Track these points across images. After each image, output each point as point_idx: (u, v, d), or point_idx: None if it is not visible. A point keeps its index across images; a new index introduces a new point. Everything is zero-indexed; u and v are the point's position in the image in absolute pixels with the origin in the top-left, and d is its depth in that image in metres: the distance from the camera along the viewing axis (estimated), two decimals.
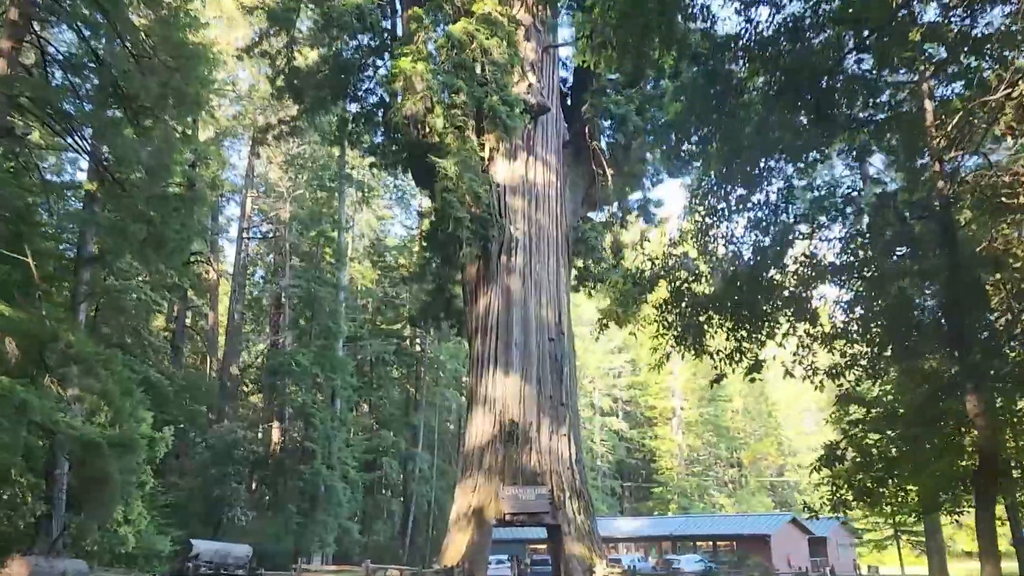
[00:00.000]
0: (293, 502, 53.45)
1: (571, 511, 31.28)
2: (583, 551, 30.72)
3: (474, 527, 30.58)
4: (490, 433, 31.96)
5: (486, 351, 32.92)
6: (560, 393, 32.98)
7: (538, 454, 31.64)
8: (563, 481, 31.63)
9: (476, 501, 31.13)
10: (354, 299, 65.65)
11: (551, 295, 33.79)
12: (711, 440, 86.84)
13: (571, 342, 34.60)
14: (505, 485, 31.04)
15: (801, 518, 58.64)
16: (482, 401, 32.60)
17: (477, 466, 31.92)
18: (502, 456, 31.50)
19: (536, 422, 32.06)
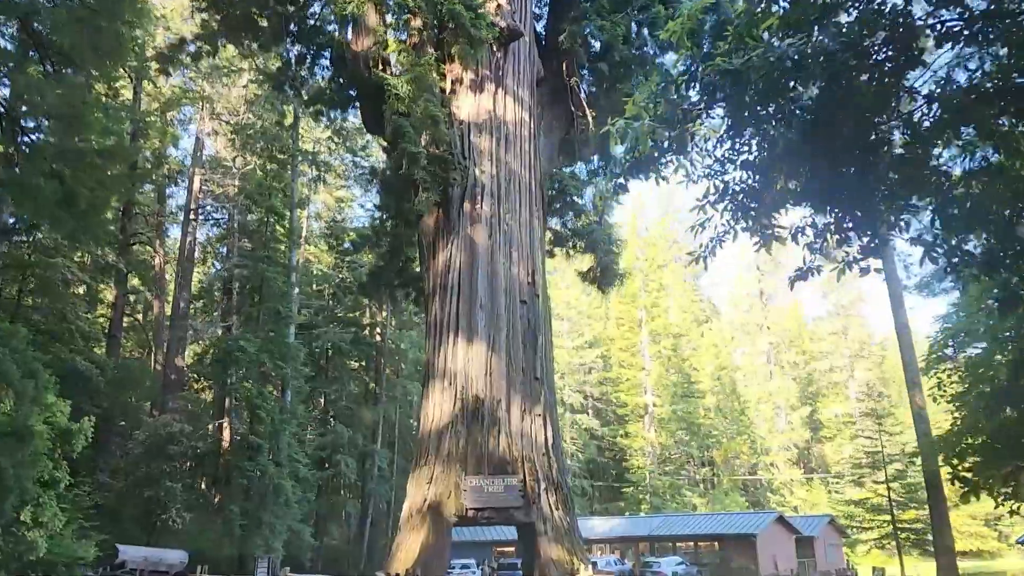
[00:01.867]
0: (236, 503, 46.39)
1: (547, 506, 24.91)
2: (562, 554, 24.39)
3: (429, 526, 24.09)
4: (450, 413, 25.53)
5: (446, 315, 26.48)
6: (534, 366, 26.67)
7: (508, 438, 25.28)
8: (538, 470, 25.26)
9: (432, 494, 24.67)
10: (309, 284, 58.83)
11: (523, 250, 27.43)
12: (683, 438, 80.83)
13: (546, 307, 28.33)
14: (468, 475, 24.64)
15: (788, 517, 52.73)
16: (440, 375, 26.19)
17: (434, 453, 25.47)
18: (464, 440, 25.08)
19: (505, 400, 25.69)
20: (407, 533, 24.64)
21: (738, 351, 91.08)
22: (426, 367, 27.63)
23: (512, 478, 24.56)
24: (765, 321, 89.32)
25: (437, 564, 23.28)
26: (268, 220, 49.88)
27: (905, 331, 38.03)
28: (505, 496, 24.30)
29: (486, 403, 25.12)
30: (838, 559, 53.26)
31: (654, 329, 78.70)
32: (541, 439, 25.54)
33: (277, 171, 50.21)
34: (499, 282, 26.34)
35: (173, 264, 60.58)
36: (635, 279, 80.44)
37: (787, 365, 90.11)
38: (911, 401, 40.52)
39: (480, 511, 24.15)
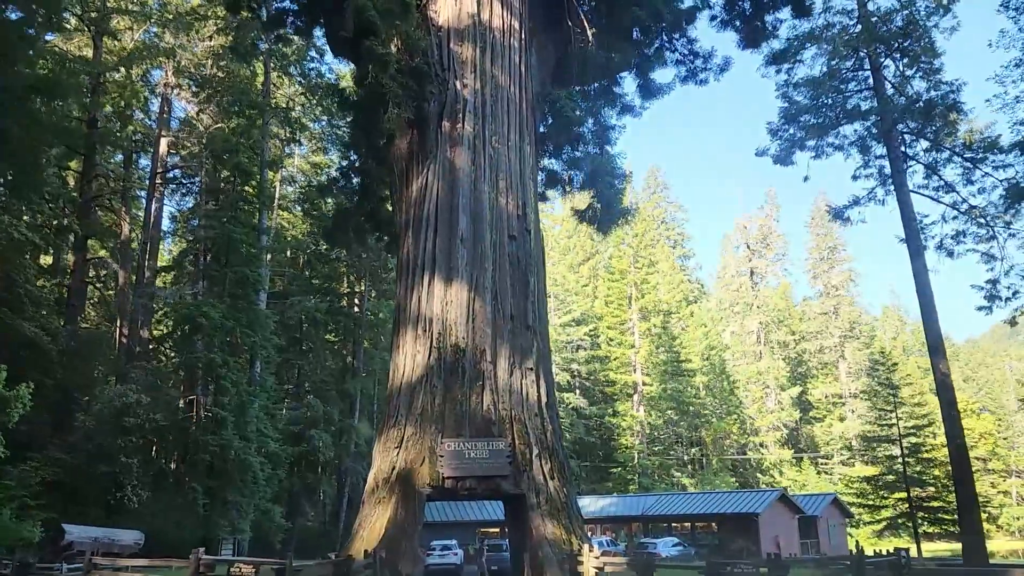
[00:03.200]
0: (198, 480, 41.50)
1: (540, 474, 20.17)
2: (558, 531, 19.68)
3: (398, 499, 19.30)
4: (424, 365, 20.72)
5: (420, 252, 21.61)
6: (524, 311, 21.90)
7: (493, 394, 20.53)
8: (529, 432, 20.51)
9: (402, 461, 19.89)
10: (283, 251, 53.80)
11: (512, 179, 22.56)
12: (672, 417, 76.55)
13: (540, 245, 23.56)
14: (445, 438, 19.91)
15: (791, 495, 48.33)
16: (413, 321, 21.36)
17: (404, 412, 20.67)
18: (441, 397, 20.29)
19: (491, 350, 20.91)
20: (371, 508, 19.87)
21: (727, 331, 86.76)
22: (396, 313, 22.73)
23: (498, 441, 19.84)
24: (755, 300, 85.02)
25: (407, 544, 18.55)
26: (235, 179, 44.73)
27: (927, 292, 33.52)
28: (490, 463, 19.58)
29: (468, 354, 20.38)
30: (842, 541, 48.90)
31: (644, 306, 74.17)
32: (533, 396, 20.84)
33: (245, 126, 45.02)
34: (484, 214, 21.52)
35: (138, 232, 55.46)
36: (625, 255, 75.95)
37: (776, 345, 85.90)
38: (933, 368, 35.99)
39: (460, 481, 19.41)
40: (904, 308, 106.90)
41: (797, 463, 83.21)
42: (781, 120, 37.39)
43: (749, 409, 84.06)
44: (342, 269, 53.48)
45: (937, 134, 36.79)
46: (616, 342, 73.50)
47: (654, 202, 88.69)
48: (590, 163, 24.04)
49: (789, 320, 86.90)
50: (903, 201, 35.67)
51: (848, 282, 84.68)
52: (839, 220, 40.02)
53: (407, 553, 18.50)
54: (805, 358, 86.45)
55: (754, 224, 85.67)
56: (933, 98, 34.28)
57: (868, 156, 39.53)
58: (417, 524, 19.06)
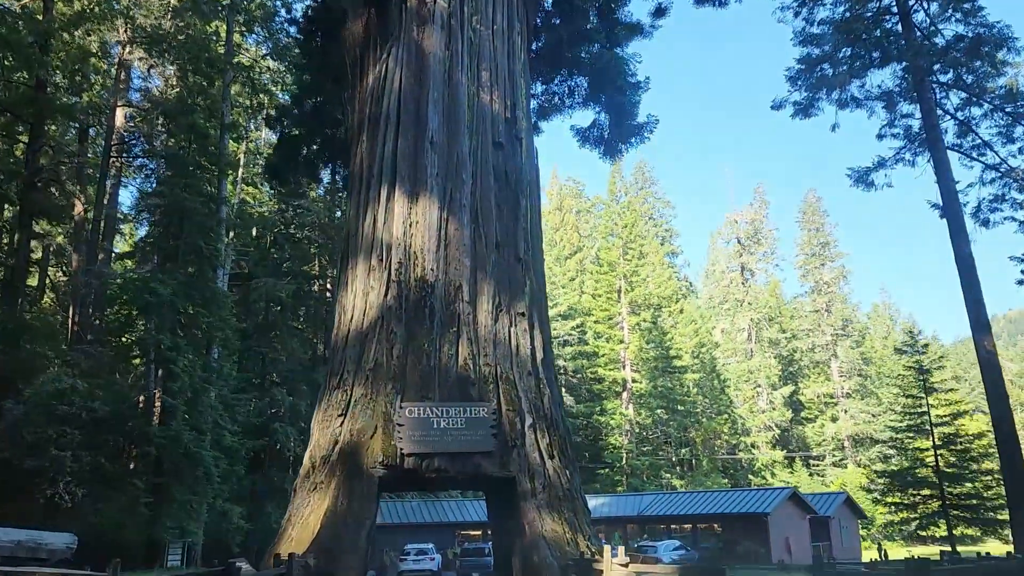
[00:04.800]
0: (143, 476, 35.13)
1: (536, 451, 14.25)
2: (560, 528, 13.72)
3: (340, 484, 13.28)
4: (379, 305, 14.78)
5: (377, 158, 15.66)
6: (515, 240, 16.07)
7: (472, 345, 14.63)
8: (520, 396, 14.62)
9: (347, 433, 13.91)
10: (247, 230, 47.73)
11: (499, 71, 16.66)
12: (662, 417, 70.77)
13: (533, 161, 17.72)
14: (407, 401, 14.08)
15: (803, 494, 42.56)
16: (366, 248, 15.43)
17: (353, 368, 14.68)
18: (402, 347, 14.30)
19: (469, 287, 15.02)
20: (304, 497, 13.96)
21: (717, 328, 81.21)
22: (345, 241, 16.78)
23: (479, 407, 14.01)
24: (746, 297, 79.57)
25: (350, 546, 12.62)
26: (190, 141, 38.63)
27: (969, 263, 27.98)
28: (467, 435, 13.73)
29: (438, 290, 14.56)
30: (854, 543, 43.20)
31: (633, 299, 68.45)
32: (525, 349, 15.03)
33: (201, 85, 38.94)
34: (461, 112, 15.72)
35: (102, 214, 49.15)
36: (614, 247, 70.41)
37: (767, 343, 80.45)
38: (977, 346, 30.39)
39: (426, 459, 13.54)
40: (894, 306, 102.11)
41: (789, 464, 77.68)
42: (801, 67, 31.95)
43: (740, 409, 78.40)
44: (312, 250, 47.50)
45: (979, 80, 31.41)
46: (604, 337, 67.83)
47: (642, 197, 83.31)
48: (595, 64, 18.31)
49: (780, 318, 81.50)
50: (938, 160, 30.13)
51: (840, 279, 79.40)
52: (862, 185, 34.56)
53: (350, 558, 12.59)
54: (796, 357, 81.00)
55: (744, 219, 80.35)
56: (981, 33, 28.88)
57: (894, 113, 34.20)
58: (366, 518, 13.13)
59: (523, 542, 13.49)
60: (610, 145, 20.17)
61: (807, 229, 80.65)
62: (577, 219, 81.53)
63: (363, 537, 12.89)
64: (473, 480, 14.13)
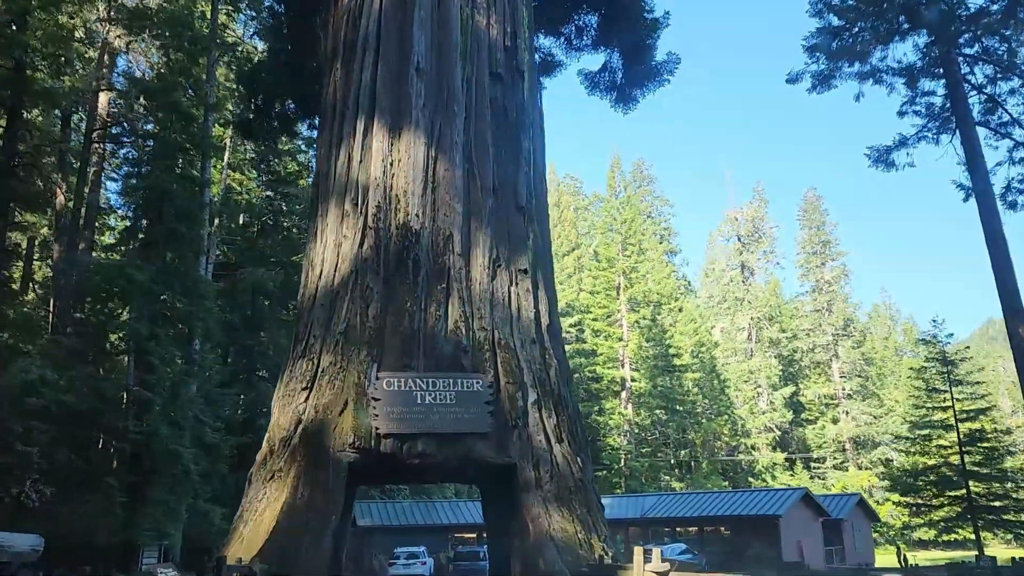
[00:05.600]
0: (117, 475, 32.16)
1: (541, 433, 11.40)
2: (571, 527, 10.80)
3: (301, 471, 10.49)
4: (352, 256, 11.96)
5: (354, 87, 12.89)
6: (516, 185, 13.34)
7: (464, 305, 11.83)
8: (522, 367, 11.80)
9: (312, 410, 11.04)
10: (233, 218, 44.92)
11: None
12: (661, 417, 67.97)
13: (537, 98, 15.00)
14: (384, 371, 11.32)
15: (815, 495, 39.75)
16: (339, 192, 12.64)
17: (320, 333, 11.78)
18: (379, 307, 11.44)
19: (462, 237, 12.24)
20: (260, 488, 11.20)
21: (717, 327, 78.46)
22: (315, 185, 14.00)
23: (472, 379, 11.29)
24: (746, 295, 76.86)
25: (311, 547, 9.82)
26: (171, 122, 35.86)
27: (1001, 244, 25.30)
28: (458, 413, 10.99)
29: (424, 239, 11.85)
30: (868, 547, 40.40)
31: (633, 296, 65.69)
32: (528, 312, 12.31)
33: (184, 63, 36.15)
34: (452, 36, 13.00)
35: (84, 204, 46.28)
36: (613, 242, 67.73)
37: (767, 343, 77.74)
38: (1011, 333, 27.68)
39: (407, 442, 10.80)
40: (895, 307, 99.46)
41: (790, 466, 74.88)
42: (819, 36, 29.36)
43: (740, 409, 75.57)
44: (302, 239, 44.74)
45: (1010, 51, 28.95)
46: (603, 335, 65.02)
47: (640, 195, 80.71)
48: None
49: (780, 317, 78.79)
50: (967, 135, 27.50)
51: (842, 277, 76.76)
52: (882, 166, 31.99)
53: (310, 561, 9.81)
54: (797, 357, 78.24)
55: (745, 216, 77.68)
56: None
57: (915, 90, 31.67)
58: (331, 513, 10.36)
59: (525, 543, 10.73)
60: (623, 92, 17.47)
61: (807, 227, 78.05)
62: (575, 216, 78.90)
63: (327, 536, 10.10)
64: (464, 467, 11.33)
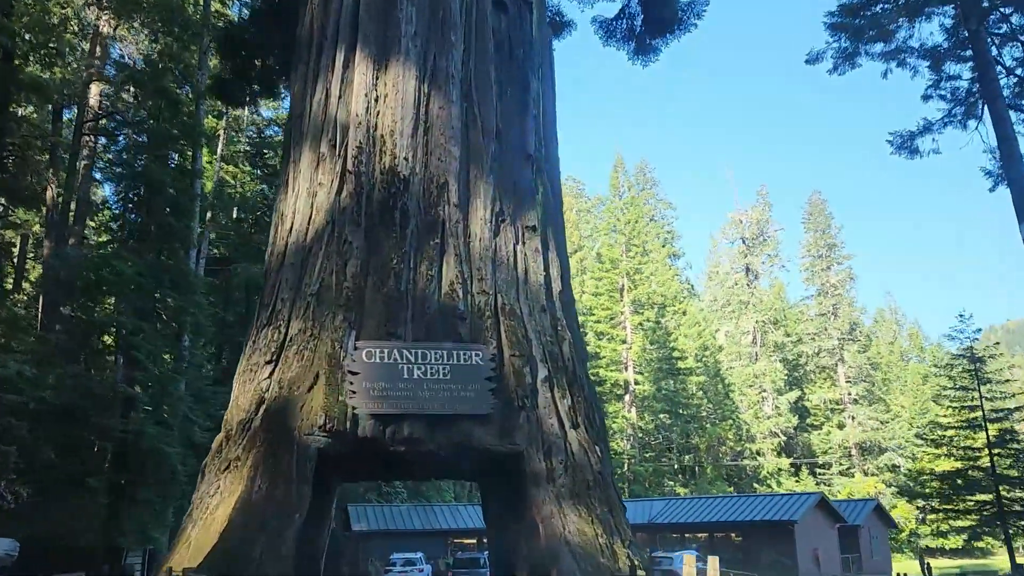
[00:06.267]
0: (100, 475, 30.08)
1: (554, 416, 9.26)
2: (590, 529, 8.77)
3: (261, 459, 8.44)
4: (328, 206, 9.74)
5: (332, 13, 10.94)
6: (523, 131, 11.18)
7: (463, 264, 9.73)
8: (530, 338, 9.61)
9: (276, 386, 8.99)
10: (227, 211, 42.89)
11: None
12: (665, 421, 65.74)
13: (546, 37, 12.92)
14: (364, 339, 9.28)
15: (830, 500, 37.47)
16: (315, 133, 10.47)
17: (290, 296, 9.54)
18: (359, 263, 9.30)
19: (458, 185, 10.09)
20: (212, 480, 9.12)
21: (721, 331, 76.28)
22: (288, 128, 11.89)
23: (471, 350, 9.20)
24: (750, 298, 74.68)
25: (267, 552, 7.74)
26: (160, 109, 33.85)
27: None
28: (453, 390, 8.91)
29: (414, 187, 9.77)
30: (885, 555, 38.11)
31: (636, 297, 63.56)
32: (537, 276, 10.24)
33: (174, 48, 34.17)
34: None
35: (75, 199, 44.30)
36: (617, 243, 65.67)
37: (772, 347, 75.54)
38: None
39: (391, 424, 8.70)
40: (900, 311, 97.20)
41: (795, 472, 72.61)
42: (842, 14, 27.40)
43: (745, 414, 73.31)
44: None
45: None
46: (607, 337, 62.84)
47: (643, 198, 78.73)
48: None
49: (785, 321, 76.60)
50: (999, 118, 25.41)
51: (848, 281, 74.58)
52: (905, 152, 30.01)
53: (267, 570, 7.71)
54: (802, 361, 76.00)
55: (749, 219, 75.57)
56: None
57: (941, 73, 29.78)
58: (295, 510, 8.23)
59: (535, 548, 8.59)
60: (642, 41, 15.39)
61: (812, 230, 75.94)
62: (577, 218, 76.84)
63: (288, 537, 7.97)
64: (461, 457, 9.20)
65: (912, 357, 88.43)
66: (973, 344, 30.26)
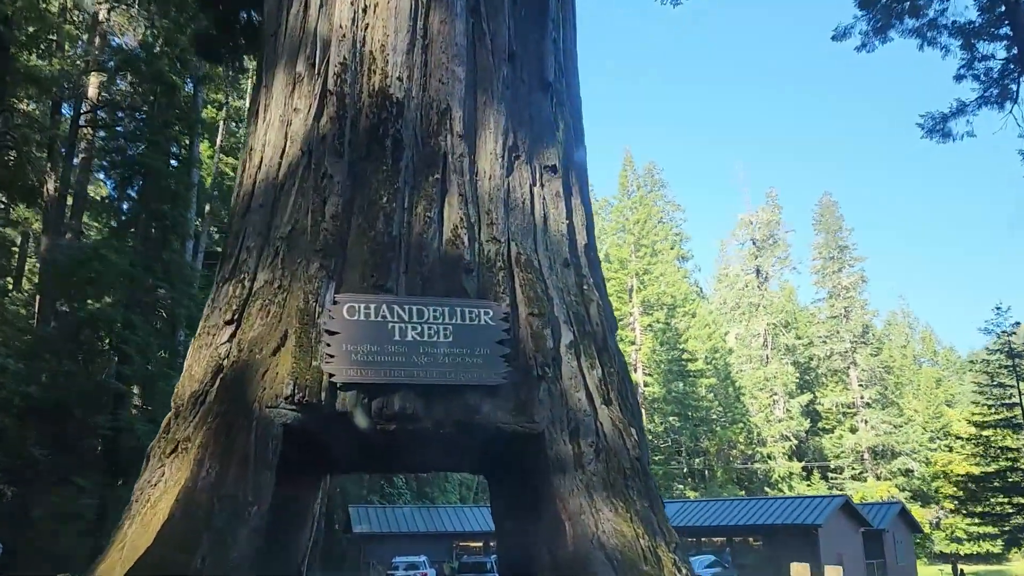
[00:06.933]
0: (86, 474, 28.78)
1: (581, 388, 7.47)
2: (627, 528, 7.09)
3: (211, 438, 6.68)
4: (303, 134, 8.09)
5: None
6: (541, 54, 9.34)
7: (469, 204, 7.89)
8: (551, 294, 8.00)
9: (235, 350, 7.34)
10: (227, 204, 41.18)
11: None
12: (674, 424, 63.78)
13: None
14: (345, 291, 7.50)
15: (855, 504, 35.38)
16: (291, 50, 8.60)
17: (256, 243, 7.90)
18: (340, 201, 7.37)
19: (465, 112, 8.24)
20: (157, 466, 7.33)
21: (731, 333, 74.29)
22: (260, 51, 10.07)
23: (480, 308, 7.38)
24: (761, 300, 72.70)
25: (214, 557, 6.01)
26: (156, 94, 32.23)
27: None
28: (456, 355, 7.10)
29: (409, 112, 7.98)
30: (910, 561, 36.00)
31: (646, 298, 61.72)
32: (560, 225, 8.39)
33: (169, 30, 32.57)
34: None
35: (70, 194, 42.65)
36: (625, 243, 63.80)
37: (783, 350, 73.52)
38: None
39: (378, 395, 6.90)
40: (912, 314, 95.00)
41: (807, 476, 70.51)
42: None
43: (755, 417, 71.27)
44: None
45: None
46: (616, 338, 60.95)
47: (652, 200, 77.01)
48: None
49: (796, 324, 74.59)
50: None
51: (860, 283, 72.54)
52: (937, 136, 28.14)
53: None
54: (813, 364, 73.96)
55: (760, 220, 73.71)
56: None
57: (973, 53, 28.16)
58: (251, 502, 6.36)
59: (560, 553, 6.66)
60: None
61: (823, 232, 73.98)
62: None
63: (243, 539, 6.05)
64: (465, 437, 7.28)
65: (924, 360, 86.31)
66: (1011, 337, 28.27)
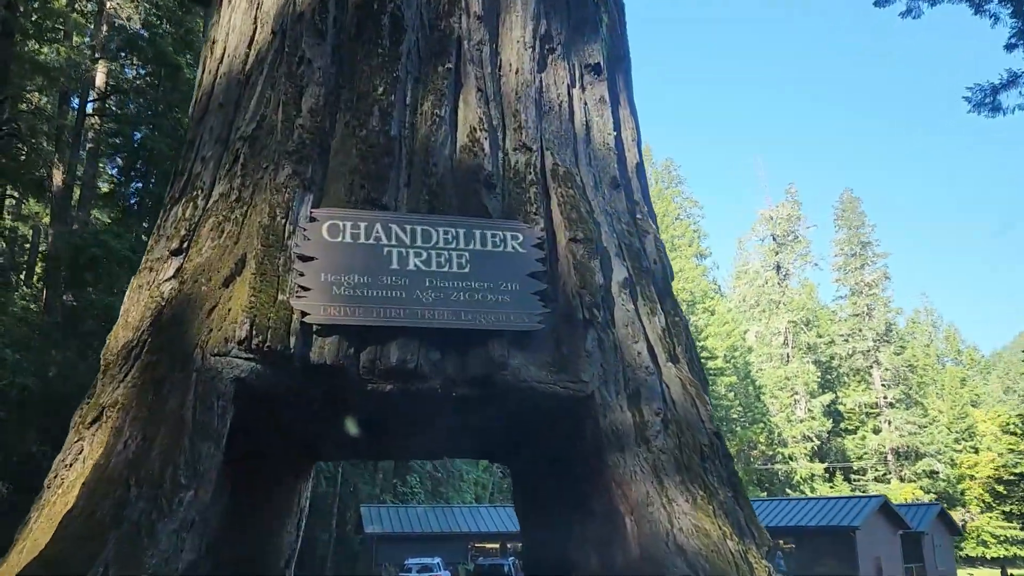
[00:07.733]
0: None
1: (641, 340, 5.65)
2: (710, 524, 5.06)
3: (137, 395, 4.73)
4: (275, 10, 6.35)
5: None
6: None
7: (490, 102, 6.20)
8: (597, 218, 6.02)
9: (178, 285, 5.49)
10: None
11: None
12: None
13: None
14: (328, 205, 5.49)
15: (893, 505, 33.02)
16: None
17: (213, 151, 6.01)
18: (322, 91, 5.92)
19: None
20: (74, 439, 5.48)
21: (751, 331, 71.73)
22: None
23: (506, 230, 5.48)
24: (782, 297, 70.14)
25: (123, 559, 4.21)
26: (159, 74, 30.47)
27: None
28: (475, 291, 5.22)
29: None
30: (950, 567, 33.59)
31: None
32: (605, 136, 6.47)
33: (172, 9, 30.80)
34: None
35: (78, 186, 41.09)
36: None
37: (804, 348, 70.90)
38: None
39: (370, 344, 5.03)
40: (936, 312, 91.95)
41: (829, 477, 67.81)
42: None
43: (776, 417, 68.63)
44: None
45: None
46: None
47: (669, 197, 74.73)
48: None
49: (817, 322, 71.91)
50: None
51: (883, 280, 69.80)
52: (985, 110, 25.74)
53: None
54: (835, 363, 71.22)
55: (780, 215, 71.18)
56: None
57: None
58: (191, 484, 4.50)
59: (616, 556, 4.66)
60: None
61: (845, 228, 71.33)
62: None
63: (163, 536, 4.10)
64: (484, 402, 5.29)
65: (948, 360, 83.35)
66: None
